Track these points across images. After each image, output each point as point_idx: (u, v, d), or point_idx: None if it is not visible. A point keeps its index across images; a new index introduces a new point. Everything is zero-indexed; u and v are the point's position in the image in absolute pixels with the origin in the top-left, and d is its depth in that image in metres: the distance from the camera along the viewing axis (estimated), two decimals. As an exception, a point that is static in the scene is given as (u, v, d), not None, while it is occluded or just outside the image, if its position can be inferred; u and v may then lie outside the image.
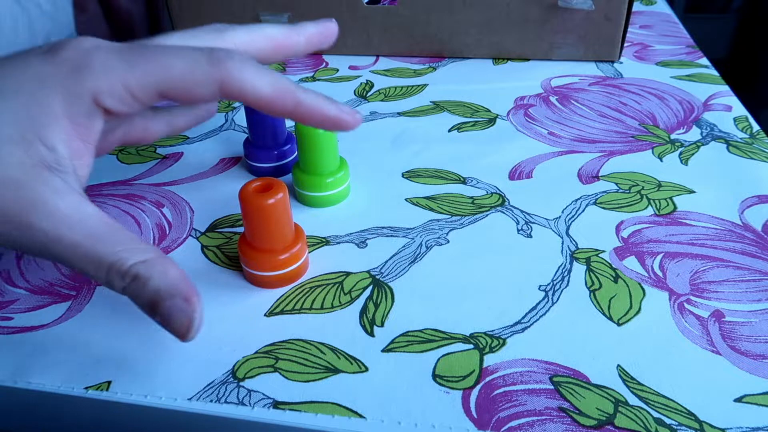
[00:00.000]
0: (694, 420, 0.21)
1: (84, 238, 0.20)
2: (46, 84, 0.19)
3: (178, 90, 0.21)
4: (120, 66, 0.20)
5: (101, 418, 0.23)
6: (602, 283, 0.26)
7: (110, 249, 0.20)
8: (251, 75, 0.21)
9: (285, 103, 0.22)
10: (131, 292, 0.20)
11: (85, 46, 0.20)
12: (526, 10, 0.46)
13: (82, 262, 0.20)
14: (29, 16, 0.59)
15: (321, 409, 0.21)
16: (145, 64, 0.20)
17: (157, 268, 0.20)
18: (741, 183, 0.33)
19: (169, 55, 0.21)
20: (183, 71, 0.21)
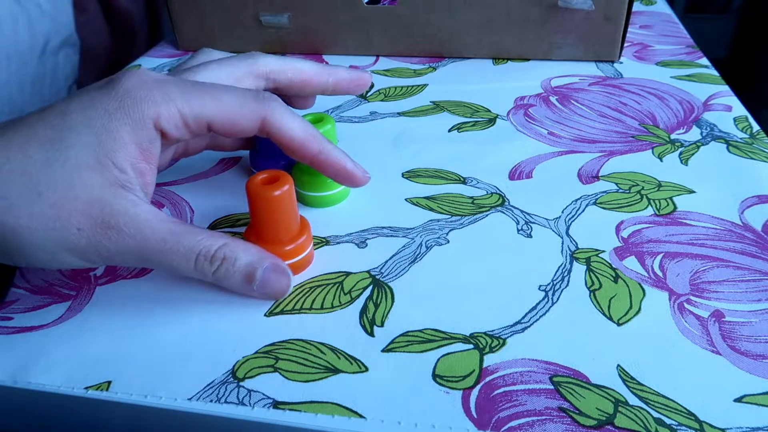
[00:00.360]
0: (694, 420, 0.21)
1: (168, 234, 0.23)
2: (114, 116, 0.22)
3: (225, 122, 0.24)
4: (179, 97, 0.23)
5: (101, 418, 0.23)
6: (602, 283, 0.26)
7: (194, 240, 0.23)
8: (288, 117, 0.25)
9: (311, 148, 0.26)
10: (222, 274, 0.24)
11: (145, 79, 0.23)
12: (526, 10, 0.46)
13: (171, 255, 0.23)
14: (29, 16, 0.59)
15: (321, 409, 0.21)
16: (200, 96, 0.24)
17: (239, 247, 0.24)
18: (741, 183, 0.33)
19: (221, 91, 0.24)
20: (232, 105, 0.24)
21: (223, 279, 0.24)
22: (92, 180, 0.22)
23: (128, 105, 0.22)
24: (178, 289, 0.27)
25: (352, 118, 0.41)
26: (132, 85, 0.23)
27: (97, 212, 0.22)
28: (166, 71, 0.50)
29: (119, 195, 0.22)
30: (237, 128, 0.24)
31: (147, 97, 0.23)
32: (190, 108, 0.23)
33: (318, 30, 0.51)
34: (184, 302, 0.26)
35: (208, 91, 0.24)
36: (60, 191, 0.21)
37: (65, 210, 0.21)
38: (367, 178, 0.28)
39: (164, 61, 0.53)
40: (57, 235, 0.22)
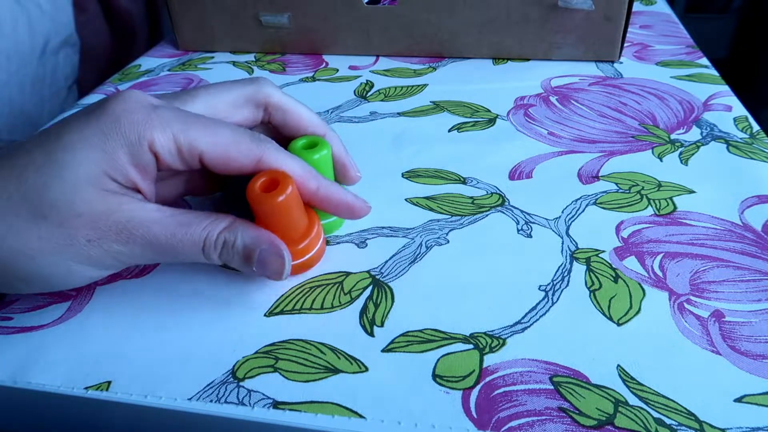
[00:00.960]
0: (694, 420, 0.21)
1: (176, 227, 0.23)
2: (110, 136, 0.22)
3: (219, 156, 0.24)
4: (175, 124, 0.23)
5: (101, 418, 0.23)
6: (602, 283, 0.26)
7: (199, 229, 0.23)
8: (285, 157, 0.25)
9: (309, 187, 0.25)
10: (226, 257, 0.24)
11: (142, 102, 0.23)
12: (526, 10, 0.46)
13: (182, 247, 0.23)
14: (29, 16, 0.59)
15: (321, 409, 0.21)
16: (198, 127, 0.23)
17: (238, 229, 0.24)
18: (741, 183, 0.33)
19: (218, 125, 0.24)
20: (228, 140, 0.24)
21: (228, 262, 0.24)
22: (91, 195, 0.22)
23: (124, 126, 0.22)
24: (178, 289, 0.27)
25: (352, 118, 0.41)
26: (128, 107, 0.23)
27: (103, 222, 0.22)
28: (166, 71, 0.50)
29: (122, 202, 0.22)
30: (232, 165, 0.24)
31: (144, 120, 0.22)
32: (186, 136, 0.23)
33: (318, 30, 0.51)
34: (184, 302, 0.26)
35: (205, 124, 0.24)
36: (62, 211, 0.22)
37: (71, 227, 0.22)
38: (368, 209, 0.28)
39: (164, 61, 0.53)
40: (70, 251, 0.22)
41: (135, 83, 0.49)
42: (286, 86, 0.46)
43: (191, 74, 0.50)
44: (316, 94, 0.45)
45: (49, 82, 0.62)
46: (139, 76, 0.50)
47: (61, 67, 0.64)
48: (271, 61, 0.52)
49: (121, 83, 0.49)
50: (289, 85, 0.47)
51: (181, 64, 0.52)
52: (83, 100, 0.47)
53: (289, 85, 0.47)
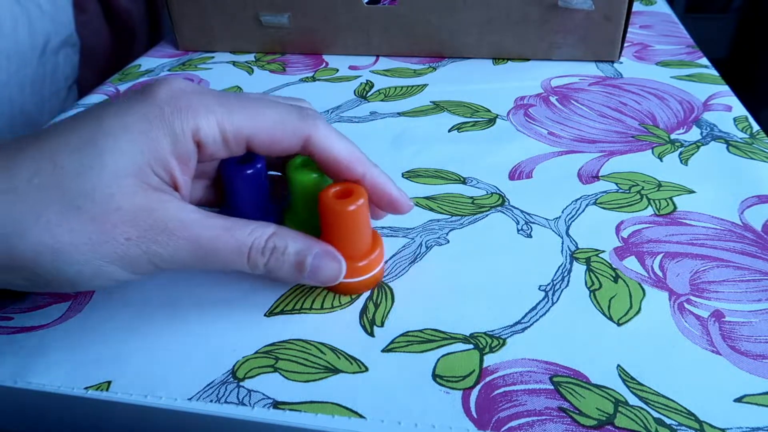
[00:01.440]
0: (694, 420, 0.21)
1: (221, 230, 0.22)
2: (154, 124, 0.21)
3: (266, 139, 0.23)
4: (219, 110, 0.22)
5: (101, 418, 0.23)
6: (602, 283, 0.26)
7: (244, 233, 0.22)
8: (334, 137, 0.23)
9: (356, 171, 0.24)
10: (273, 265, 0.23)
11: (185, 89, 0.22)
12: (526, 10, 0.46)
13: (225, 252, 0.22)
14: (29, 16, 0.59)
15: (321, 409, 0.21)
16: (241, 110, 0.22)
17: (288, 236, 0.23)
18: (741, 183, 0.33)
19: (263, 105, 0.23)
20: (275, 121, 0.23)
21: (274, 269, 0.23)
22: (133, 187, 0.20)
23: (168, 113, 0.21)
24: (179, 289, 0.27)
25: (352, 118, 0.41)
26: (172, 94, 0.21)
27: (144, 219, 0.21)
28: (166, 71, 0.50)
29: (164, 200, 0.21)
30: (278, 147, 0.23)
31: (188, 107, 0.21)
32: (231, 122, 0.22)
33: (318, 30, 0.51)
34: (184, 302, 0.26)
35: (249, 106, 0.22)
36: (99, 203, 0.20)
37: (108, 222, 0.20)
38: (410, 206, 0.26)
39: (164, 61, 0.53)
40: (103, 249, 0.20)
41: (135, 83, 0.49)
42: (286, 86, 0.46)
43: (191, 74, 0.50)
44: (316, 94, 0.45)
45: (49, 82, 0.62)
46: (139, 76, 0.50)
47: (61, 67, 0.64)
48: (271, 61, 0.52)
49: (121, 83, 0.49)
50: (289, 85, 0.47)
51: (181, 64, 0.52)
52: (83, 100, 0.47)
53: (289, 85, 0.47)
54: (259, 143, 0.23)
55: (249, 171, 0.25)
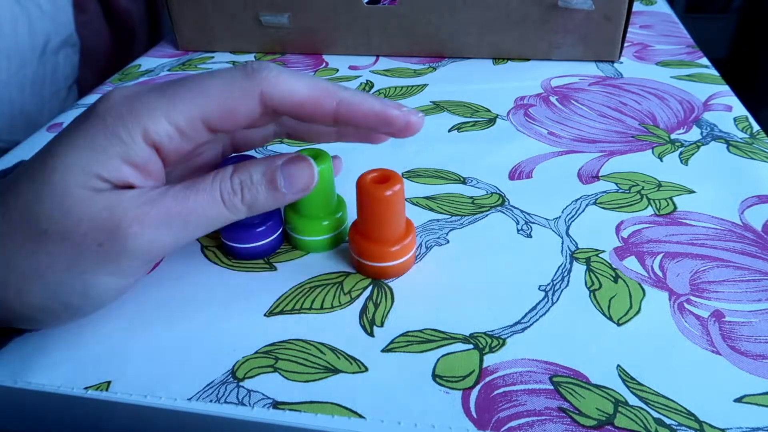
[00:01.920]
0: (694, 420, 0.21)
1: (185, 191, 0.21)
2: (97, 137, 0.20)
3: (220, 113, 0.21)
4: (163, 104, 0.21)
5: (101, 418, 0.23)
6: (602, 283, 0.26)
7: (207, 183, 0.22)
8: (289, 79, 0.22)
9: (326, 105, 0.22)
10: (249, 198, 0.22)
11: (124, 94, 0.21)
12: (526, 10, 0.46)
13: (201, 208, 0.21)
14: (29, 16, 0.59)
15: (321, 409, 0.21)
16: (185, 95, 0.21)
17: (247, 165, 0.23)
18: (741, 183, 0.33)
19: (204, 78, 0.22)
20: (221, 90, 0.21)
21: (253, 202, 0.22)
22: (84, 195, 0.20)
23: (110, 123, 0.20)
24: (178, 289, 0.27)
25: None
26: (112, 103, 0.21)
27: (108, 220, 0.20)
28: (166, 71, 0.50)
29: (120, 195, 0.20)
30: (238, 117, 0.21)
31: (129, 112, 0.20)
32: (177, 111, 0.21)
33: (318, 30, 0.51)
34: (183, 302, 0.26)
35: (192, 87, 0.21)
36: (59, 220, 0.20)
37: (77, 234, 0.20)
38: (409, 120, 0.23)
39: (164, 61, 0.53)
40: (82, 262, 0.20)
41: (135, 83, 0.49)
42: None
43: (191, 74, 0.49)
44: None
45: (49, 82, 0.62)
46: (139, 76, 0.50)
47: (61, 67, 0.64)
48: (271, 61, 0.51)
49: (121, 83, 0.49)
50: (289, 85, 0.47)
51: (181, 64, 0.52)
52: (83, 100, 0.47)
53: (289, 85, 0.47)
54: (217, 120, 0.21)
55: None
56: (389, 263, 0.26)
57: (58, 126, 0.42)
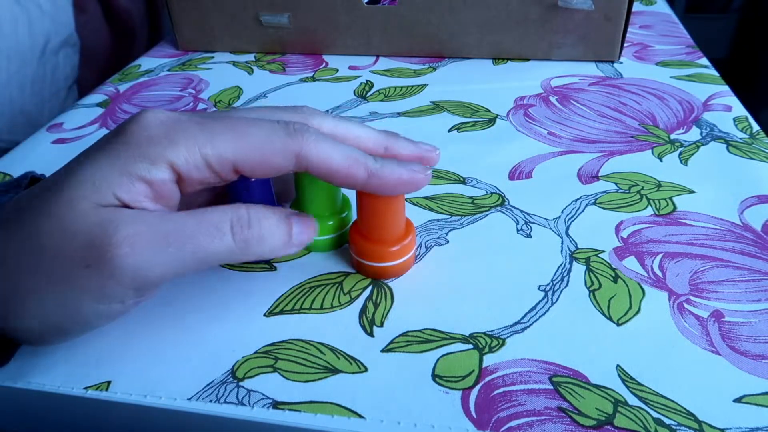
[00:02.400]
0: (694, 420, 0.21)
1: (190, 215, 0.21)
2: (121, 154, 0.20)
3: (255, 160, 0.21)
4: (200, 136, 0.21)
5: (101, 418, 0.23)
6: (602, 283, 0.26)
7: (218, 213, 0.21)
8: (327, 147, 0.22)
9: (358, 178, 0.23)
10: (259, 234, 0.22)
11: (162, 119, 0.21)
12: (526, 10, 0.46)
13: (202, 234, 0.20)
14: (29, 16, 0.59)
15: (320, 409, 0.21)
16: (223, 134, 0.21)
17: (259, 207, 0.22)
18: (741, 183, 0.33)
19: (247, 125, 0.22)
20: (261, 141, 0.21)
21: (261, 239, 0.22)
22: (86, 208, 0.19)
23: (143, 144, 0.20)
24: (178, 289, 0.27)
25: (352, 119, 0.41)
26: (145, 126, 0.21)
27: (99, 236, 0.19)
28: (166, 71, 0.50)
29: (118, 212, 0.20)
30: (268, 167, 0.22)
31: (165, 136, 0.20)
32: (213, 147, 0.21)
33: (318, 30, 0.51)
34: (183, 302, 0.26)
35: (232, 127, 0.21)
36: (57, 236, 0.19)
37: (68, 252, 0.19)
38: (429, 176, 0.24)
39: (164, 61, 0.53)
40: (71, 283, 0.19)
41: (135, 83, 0.49)
42: (285, 86, 0.46)
43: (191, 74, 0.50)
44: (316, 94, 0.45)
45: (49, 82, 0.62)
46: (139, 76, 0.50)
47: (61, 67, 0.64)
48: (271, 61, 0.52)
49: (121, 83, 0.49)
50: (289, 85, 0.47)
51: (181, 64, 0.52)
52: (83, 100, 0.47)
53: (289, 85, 0.47)
54: (248, 167, 0.22)
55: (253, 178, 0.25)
56: (389, 263, 0.26)
57: (58, 126, 0.42)
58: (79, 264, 0.19)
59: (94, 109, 0.45)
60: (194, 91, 0.46)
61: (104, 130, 0.42)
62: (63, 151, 0.39)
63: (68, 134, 0.41)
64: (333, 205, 0.28)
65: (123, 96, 0.47)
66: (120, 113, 0.44)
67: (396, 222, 0.26)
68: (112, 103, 0.46)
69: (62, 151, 0.39)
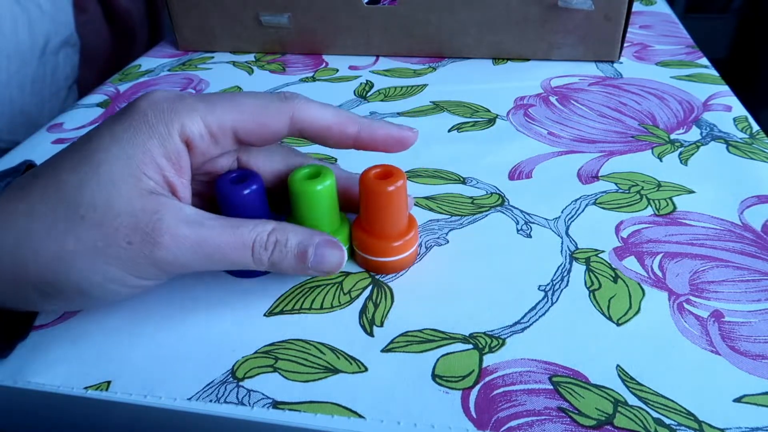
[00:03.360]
0: (694, 420, 0.21)
1: (223, 229, 0.22)
2: (140, 130, 0.22)
3: (252, 125, 0.23)
4: (201, 106, 0.23)
5: (101, 417, 0.23)
6: (602, 283, 0.26)
7: (247, 230, 0.23)
8: (317, 107, 0.24)
9: (349, 130, 0.25)
10: (276, 258, 0.23)
11: (165, 95, 0.23)
12: (526, 10, 0.46)
13: (230, 248, 0.22)
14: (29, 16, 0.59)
15: (320, 409, 0.21)
16: (222, 103, 0.23)
17: (288, 230, 0.24)
18: (741, 183, 0.33)
19: (243, 96, 0.24)
20: (257, 107, 0.23)
21: (278, 262, 0.23)
22: (129, 192, 0.21)
23: (151, 118, 0.22)
24: (178, 289, 0.27)
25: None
26: (153, 100, 0.23)
27: (144, 223, 0.21)
28: (166, 71, 0.50)
29: (161, 202, 0.22)
30: (266, 131, 0.24)
31: (170, 109, 0.22)
32: (213, 116, 0.23)
33: (318, 30, 0.51)
34: (183, 302, 0.26)
35: (230, 99, 0.23)
36: (100, 210, 0.21)
37: (111, 227, 0.21)
38: (416, 134, 0.26)
39: (164, 61, 0.53)
40: (107, 253, 0.21)
41: (135, 83, 0.49)
42: (285, 86, 0.47)
43: (191, 74, 0.50)
44: (316, 94, 0.45)
45: (49, 82, 0.62)
46: (139, 76, 0.50)
47: (61, 67, 0.64)
48: (271, 61, 0.52)
49: (121, 83, 0.49)
50: (289, 85, 0.47)
51: (181, 64, 0.52)
52: (83, 100, 0.47)
53: (289, 85, 0.47)
54: (246, 131, 0.23)
55: (246, 191, 0.25)
56: (392, 258, 0.26)
57: (58, 126, 0.42)
58: (120, 240, 0.21)
59: (94, 109, 0.45)
60: (194, 91, 0.46)
61: (104, 130, 0.42)
62: (63, 151, 0.39)
63: (68, 134, 0.41)
64: (331, 224, 0.27)
65: (123, 96, 0.47)
66: (120, 113, 0.44)
67: (398, 217, 0.26)
68: (112, 103, 0.46)
69: (62, 151, 0.39)
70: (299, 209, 0.26)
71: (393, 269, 0.27)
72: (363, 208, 0.26)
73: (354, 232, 0.27)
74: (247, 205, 0.25)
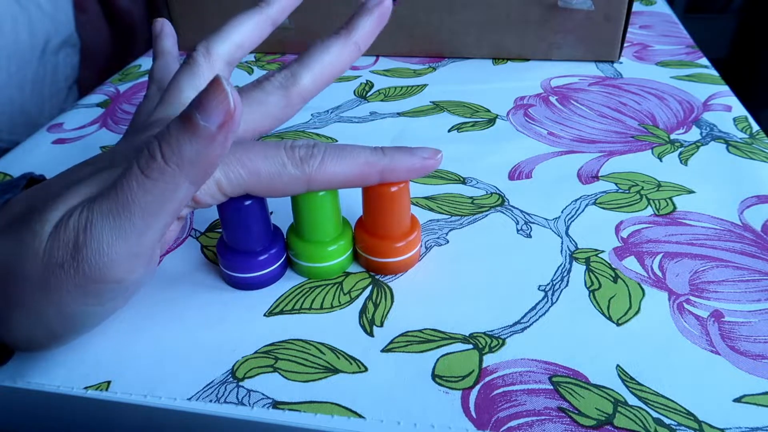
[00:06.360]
0: (694, 420, 0.21)
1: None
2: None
3: (267, 191, 0.23)
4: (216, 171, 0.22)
5: (101, 418, 0.23)
6: (602, 283, 0.26)
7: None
8: (333, 166, 0.23)
9: (370, 178, 0.24)
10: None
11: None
12: (526, 10, 0.46)
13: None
14: (29, 16, 0.59)
15: (320, 409, 0.21)
16: (237, 168, 0.22)
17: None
18: (741, 183, 0.33)
19: (257, 158, 0.23)
20: (271, 176, 0.23)
21: (176, 154, 0.18)
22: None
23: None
24: (179, 289, 0.27)
25: (352, 119, 0.41)
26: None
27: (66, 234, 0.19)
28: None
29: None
30: (281, 194, 0.24)
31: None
32: (227, 180, 0.22)
33: (318, 30, 0.51)
34: (184, 302, 0.26)
35: (243, 164, 0.22)
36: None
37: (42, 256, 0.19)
38: (440, 159, 0.25)
39: (164, 61, 0.53)
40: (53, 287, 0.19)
41: (135, 83, 0.49)
42: (286, 86, 0.46)
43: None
44: (316, 94, 0.45)
45: (49, 82, 0.62)
46: (139, 77, 0.50)
47: (61, 67, 0.64)
48: (271, 61, 0.52)
49: (121, 83, 0.49)
50: (289, 85, 0.47)
51: (181, 64, 0.52)
52: (83, 100, 0.47)
53: (289, 85, 0.47)
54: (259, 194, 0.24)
55: (247, 202, 0.24)
56: (394, 259, 0.26)
57: (59, 126, 0.42)
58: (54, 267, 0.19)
59: (95, 109, 0.45)
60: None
61: (104, 131, 0.42)
62: (63, 152, 0.39)
63: (68, 134, 0.41)
64: (334, 230, 0.26)
65: (123, 96, 0.47)
66: (120, 113, 0.44)
67: (401, 218, 0.26)
68: (112, 104, 0.46)
69: (62, 151, 0.39)
70: (301, 216, 0.26)
71: (396, 270, 0.27)
72: (366, 209, 0.26)
73: (357, 233, 0.27)
74: (249, 216, 0.25)
